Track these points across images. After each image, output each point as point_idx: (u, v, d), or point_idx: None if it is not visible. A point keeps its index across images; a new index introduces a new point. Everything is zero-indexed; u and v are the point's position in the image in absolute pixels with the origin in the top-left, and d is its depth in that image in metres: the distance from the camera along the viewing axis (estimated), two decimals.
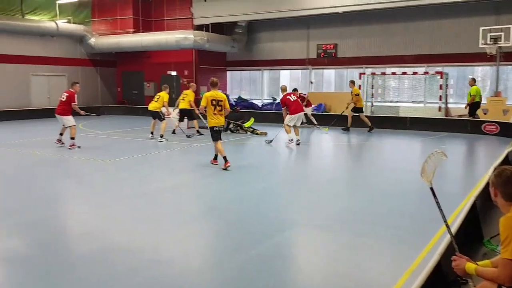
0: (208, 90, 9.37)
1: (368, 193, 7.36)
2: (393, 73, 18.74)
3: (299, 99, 13.00)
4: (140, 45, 21.60)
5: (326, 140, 14.56)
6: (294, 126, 12.50)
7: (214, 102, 8.89)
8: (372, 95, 18.78)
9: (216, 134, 9.03)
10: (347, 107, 15.58)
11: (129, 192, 7.38)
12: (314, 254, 4.81)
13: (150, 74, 23.47)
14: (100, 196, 7.13)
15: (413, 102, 18.61)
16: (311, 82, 21.93)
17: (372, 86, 18.74)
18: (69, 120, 11.44)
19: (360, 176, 9.13)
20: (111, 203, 6.66)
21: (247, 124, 15.24)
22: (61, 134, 11.78)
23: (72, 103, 11.39)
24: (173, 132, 14.46)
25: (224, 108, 9.01)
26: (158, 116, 13.29)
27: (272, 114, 18.99)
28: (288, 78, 23.26)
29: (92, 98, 23.84)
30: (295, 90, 14.89)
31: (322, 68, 21.65)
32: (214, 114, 8.91)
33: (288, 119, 12.37)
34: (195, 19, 21.57)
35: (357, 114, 15.46)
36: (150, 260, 4.49)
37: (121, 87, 24.99)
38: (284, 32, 21.94)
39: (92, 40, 22.92)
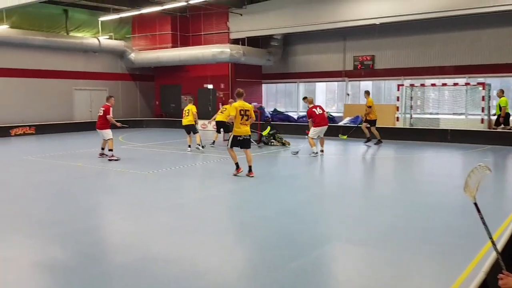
0: (235, 101, 9.80)
1: (409, 207, 7.17)
2: (433, 85, 18.31)
3: (325, 113, 13.03)
4: (178, 59, 22.07)
5: (362, 152, 14.34)
6: (319, 137, 12.65)
7: (242, 112, 9.40)
8: (411, 107, 18.39)
9: (235, 142, 9.46)
10: (365, 119, 15.33)
11: (167, 203, 7.48)
12: (354, 269, 4.70)
13: (187, 87, 23.89)
14: (139, 207, 7.25)
15: (454, 114, 18.10)
16: (348, 94, 21.73)
17: (411, 97, 18.36)
18: (108, 133, 11.89)
19: (399, 189, 8.91)
20: (150, 213, 6.76)
21: (264, 133, 15.34)
22: (102, 149, 12.25)
23: (107, 116, 11.82)
24: (212, 143, 14.73)
25: (250, 117, 9.50)
26: (193, 129, 13.75)
27: (307, 127, 18.85)
28: (324, 90, 23.17)
29: (132, 111, 24.50)
30: (305, 98, 15.07)
31: (359, 80, 21.43)
32: (241, 123, 9.39)
33: (312, 131, 12.55)
34: (231, 33, 21.86)
35: (368, 126, 15.13)
36: (187, 271, 4.52)
37: (159, 101, 25.55)
38: (320, 44, 21.90)
39: (132, 55, 23.61)
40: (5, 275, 4.52)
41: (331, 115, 20.58)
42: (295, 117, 21.82)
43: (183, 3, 17.93)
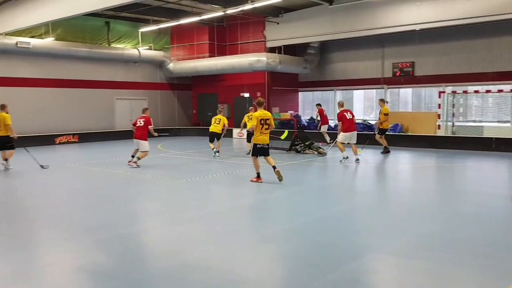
0: (255, 110, 10.02)
1: (451, 218, 6.92)
2: (476, 91, 17.72)
3: (354, 118, 12.96)
4: (215, 69, 22.34)
5: (402, 161, 14.01)
6: (349, 143, 12.64)
7: (262, 121, 9.56)
8: (453, 114, 17.84)
9: (257, 151, 9.69)
10: (378, 129, 14.97)
11: (204, 210, 7.53)
12: (395, 282, 4.57)
13: (224, 96, 24.12)
14: (177, 213, 7.34)
15: (498, 121, 17.44)
16: (387, 102, 21.31)
17: (453, 105, 17.82)
18: (146, 145, 12.26)
19: (441, 199, 8.63)
20: (188, 221, 6.82)
21: (282, 137, 15.25)
22: (132, 156, 12.59)
23: (149, 126, 12.22)
24: (248, 153, 14.73)
25: (270, 126, 9.66)
26: (219, 136, 14.53)
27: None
28: (361, 98, 22.86)
29: (170, 120, 24.96)
30: (318, 105, 14.97)
31: (398, 87, 21.03)
32: (261, 132, 9.58)
33: (342, 136, 12.51)
34: (268, 42, 21.95)
35: (374, 133, 14.78)
36: (225, 279, 4.52)
37: (196, 109, 25.90)
38: (357, 51, 21.66)
39: (171, 65, 24.10)
40: (49, 279, 4.65)
41: (369, 123, 20.29)
42: (332, 125, 21.61)
43: (221, 13, 18.17)
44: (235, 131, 21.75)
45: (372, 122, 20.46)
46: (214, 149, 14.46)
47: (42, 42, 19.41)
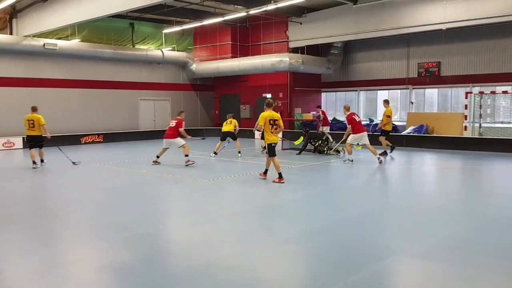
0: (265, 111, 9.98)
1: (478, 221, 6.75)
2: (504, 92, 17.29)
3: (361, 120, 13.16)
4: (237, 69, 22.39)
5: (427, 163, 13.76)
6: (365, 145, 12.82)
7: (271, 122, 9.74)
8: (480, 115, 17.45)
9: (273, 150, 9.82)
10: (381, 131, 14.58)
11: (227, 210, 7.54)
12: (418, 284, 4.47)
13: (246, 97, 24.15)
14: (200, 213, 7.37)
15: None
16: (412, 103, 21.03)
17: (480, 106, 17.43)
18: (179, 141, 12.55)
19: (467, 202, 8.43)
20: (211, 220, 6.83)
21: (296, 143, 15.18)
22: (157, 157, 12.88)
23: (180, 129, 12.53)
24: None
25: (279, 127, 9.82)
26: (232, 135, 14.71)
27: (368, 136, 18.42)
28: (386, 98, 22.54)
29: (193, 120, 25.12)
30: (319, 107, 14.92)
31: (424, 88, 20.69)
32: (271, 132, 9.76)
33: (351, 138, 12.68)
34: (290, 42, 21.88)
35: (378, 134, 14.49)
36: (248, 278, 4.51)
37: (218, 110, 26.02)
38: (382, 51, 21.40)
39: (194, 66, 24.28)
40: (74, 276, 4.72)
41: (393, 124, 19.99)
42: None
43: (243, 14, 18.20)
44: (257, 133, 21.72)
45: (397, 124, 20.20)
46: (217, 150, 14.75)
47: (68, 44, 19.80)
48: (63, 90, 20.49)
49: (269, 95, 23.00)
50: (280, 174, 9.75)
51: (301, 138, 15.47)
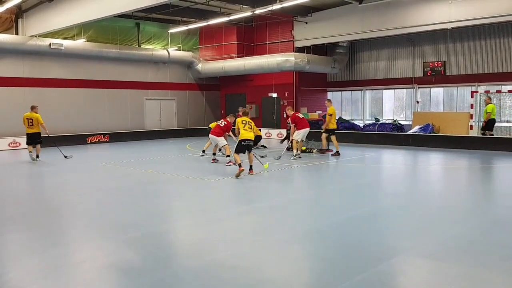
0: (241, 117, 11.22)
1: (485, 221, 6.72)
2: (510, 91, 17.19)
3: (304, 118, 14.16)
4: (243, 69, 22.41)
5: (433, 162, 13.71)
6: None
7: (244, 122, 10.84)
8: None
9: (241, 147, 10.65)
10: (324, 129, 14.61)
11: (233, 210, 7.56)
12: (424, 285, 4.46)
13: (252, 96, 24.17)
14: (207, 212, 7.38)
15: None
16: (417, 102, 20.97)
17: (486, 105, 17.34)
18: (222, 140, 12.73)
19: (474, 202, 8.39)
20: (217, 220, 6.85)
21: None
22: (214, 154, 13.38)
23: (227, 132, 12.90)
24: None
25: (252, 127, 10.89)
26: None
27: (374, 135, 18.44)
28: (391, 97, 22.51)
29: (198, 120, 25.19)
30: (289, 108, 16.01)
31: (429, 87, 20.62)
32: (244, 129, 10.71)
33: (296, 135, 13.66)
34: (296, 42, 21.88)
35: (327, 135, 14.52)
36: (254, 278, 4.52)
37: (224, 110, 26.05)
38: (387, 51, 21.36)
39: (199, 66, 24.33)
40: (80, 275, 4.75)
41: (399, 123, 19.98)
42: (361, 125, 21.35)
43: (249, 13, 18.21)
44: (263, 131, 21.74)
45: (402, 123, 20.19)
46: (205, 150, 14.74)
47: (74, 44, 19.90)
48: (69, 90, 20.59)
49: (274, 95, 23.02)
50: (239, 164, 10.42)
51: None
